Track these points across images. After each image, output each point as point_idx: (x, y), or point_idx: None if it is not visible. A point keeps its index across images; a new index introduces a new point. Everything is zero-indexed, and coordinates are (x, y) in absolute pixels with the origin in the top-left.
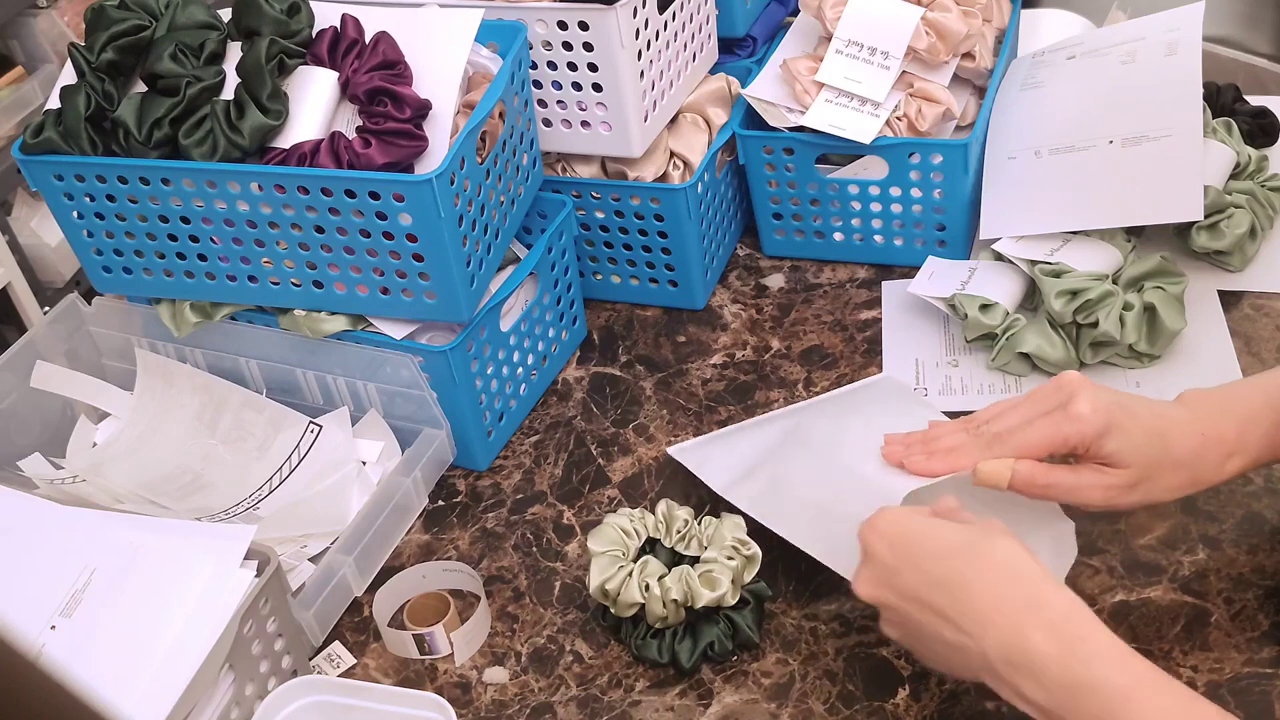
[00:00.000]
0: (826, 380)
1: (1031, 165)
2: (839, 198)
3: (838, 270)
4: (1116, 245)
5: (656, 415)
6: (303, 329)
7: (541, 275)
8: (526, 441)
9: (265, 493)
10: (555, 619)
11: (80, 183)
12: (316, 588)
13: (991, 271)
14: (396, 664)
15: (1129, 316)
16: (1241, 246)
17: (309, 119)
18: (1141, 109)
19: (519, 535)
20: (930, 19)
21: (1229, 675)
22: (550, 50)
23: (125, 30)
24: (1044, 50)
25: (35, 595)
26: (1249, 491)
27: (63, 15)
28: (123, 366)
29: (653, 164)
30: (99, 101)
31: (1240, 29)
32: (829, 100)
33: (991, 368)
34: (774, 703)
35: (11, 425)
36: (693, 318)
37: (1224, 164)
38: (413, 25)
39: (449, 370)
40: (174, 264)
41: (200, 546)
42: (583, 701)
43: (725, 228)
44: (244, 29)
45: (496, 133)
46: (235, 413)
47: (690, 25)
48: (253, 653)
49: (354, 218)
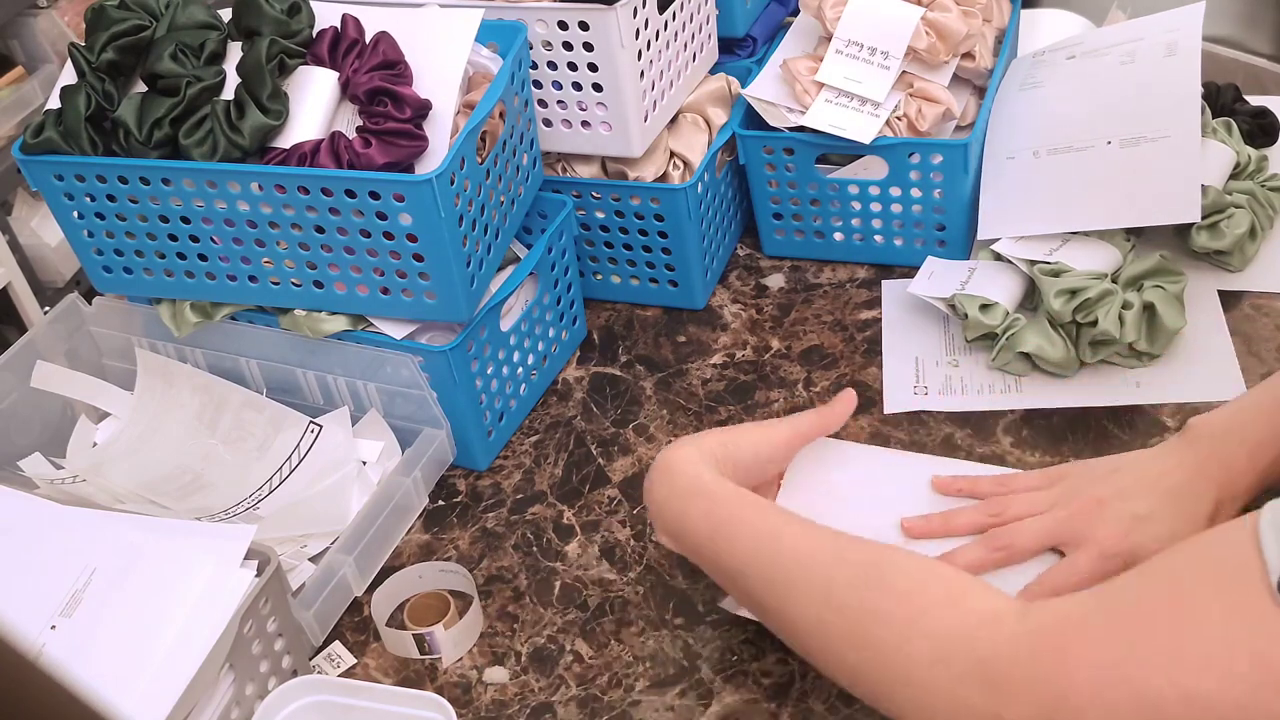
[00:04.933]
0: (826, 380)
1: (1030, 165)
2: (839, 198)
3: (838, 270)
4: (1116, 245)
5: (656, 415)
6: (303, 329)
7: (541, 275)
8: (526, 441)
9: (265, 493)
10: (555, 619)
11: (80, 183)
12: (316, 588)
13: (991, 271)
14: (396, 664)
15: (1128, 315)
16: (1241, 246)
17: (309, 119)
18: (1140, 110)
19: (519, 535)
20: (930, 19)
21: None
22: (550, 50)
23: (125, 30)
24: (1044, 50)
25: (35, 595)
26: None
27: (63, 15)
28: (123, 366)
29: (653, 164)
30: (99, 101)
31: (1240, 29)
32: (829, 100)
33: (992, 367)
34: (774, 703)
35: (11, 425)
36: (693, 318)
37: (1224, 164)
38: (413, 25)
39: (449, 370)
40: (174, 264)
41: (200, 546)
42: (583, 701)
43: (725, 228)
44: (244, 29)
45: (496, 133)
46: (235, 413)
47: (690, 25)
48: (253, 653)
49: (354, 218)
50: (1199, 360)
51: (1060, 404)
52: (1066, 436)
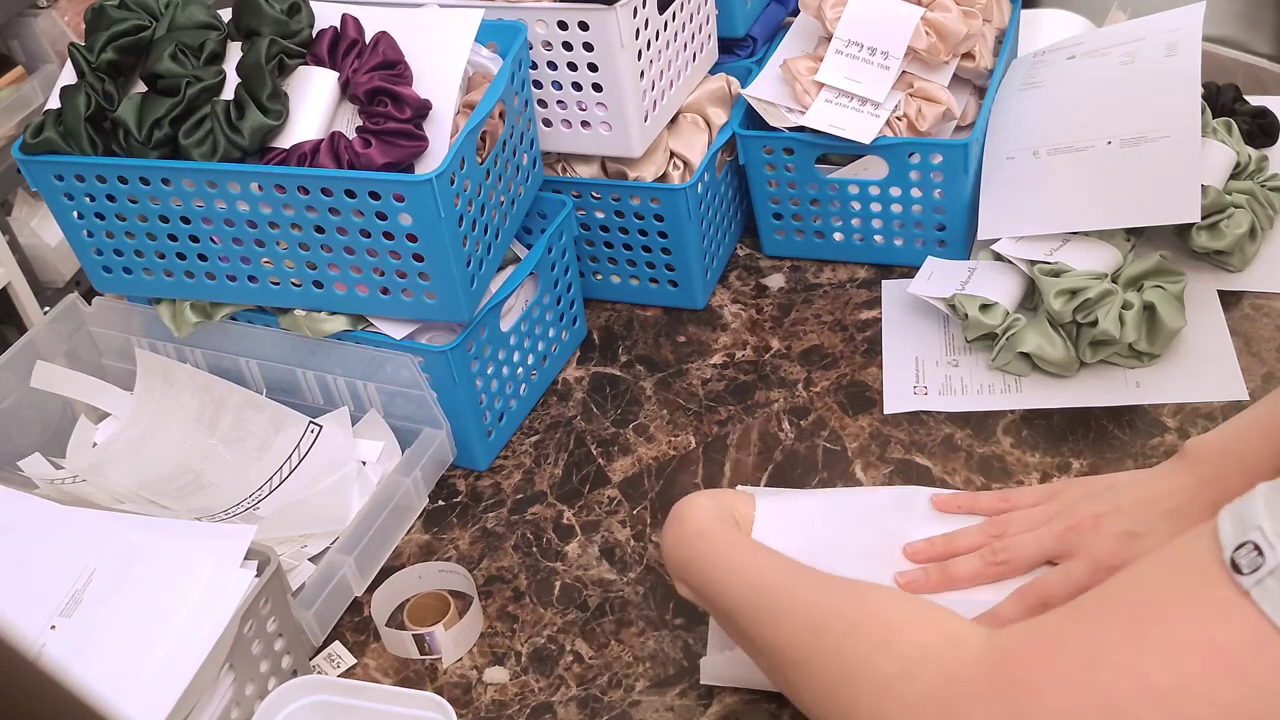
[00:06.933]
0: (826, 380)
1: (1030, 165)
2: (839, 198)
3: (838, 270)
4: (1116, 245)
5: (656, 415)
6: (303, 329)
7: (541, 275)
8: (526, 441)
9: (265, 493)
10: (555, 619)
11: (80, 183)
12: (316, 588)
13: (991, 271)
14: (396, 664)
15: (1128, 315)
16: (1241, 246)
17: (309, 119)
18: (1140, 110)
19: (519, 535)
20: (930, 19)
21: None
22: (550, 50)
23: (125, 30)
24: (1044, 50)
25: (35, 595)
26: None
27: (63, 15)
28: (123, 366)
29: (653, 164)
30: (99, 101)
31: (1240, 29)
32: (829, 100)
33: (992, 368)
34: (774, 703)
35: (11, 425)
36: (693, 318)
37: (1224, 164)
38: (413, 25)
39: (449, 370)
40: (174, 264)
41: (200, 546)
42: (583, 701)
43: (725, 228)
44: (244, 29)
45: (496, 133)
46: (235, 413)
47: (690, 25)
48: (253, 653)
49: (354, 218)
50: (1199, 360)
51: (1060, 404)
52: (1066, 437)
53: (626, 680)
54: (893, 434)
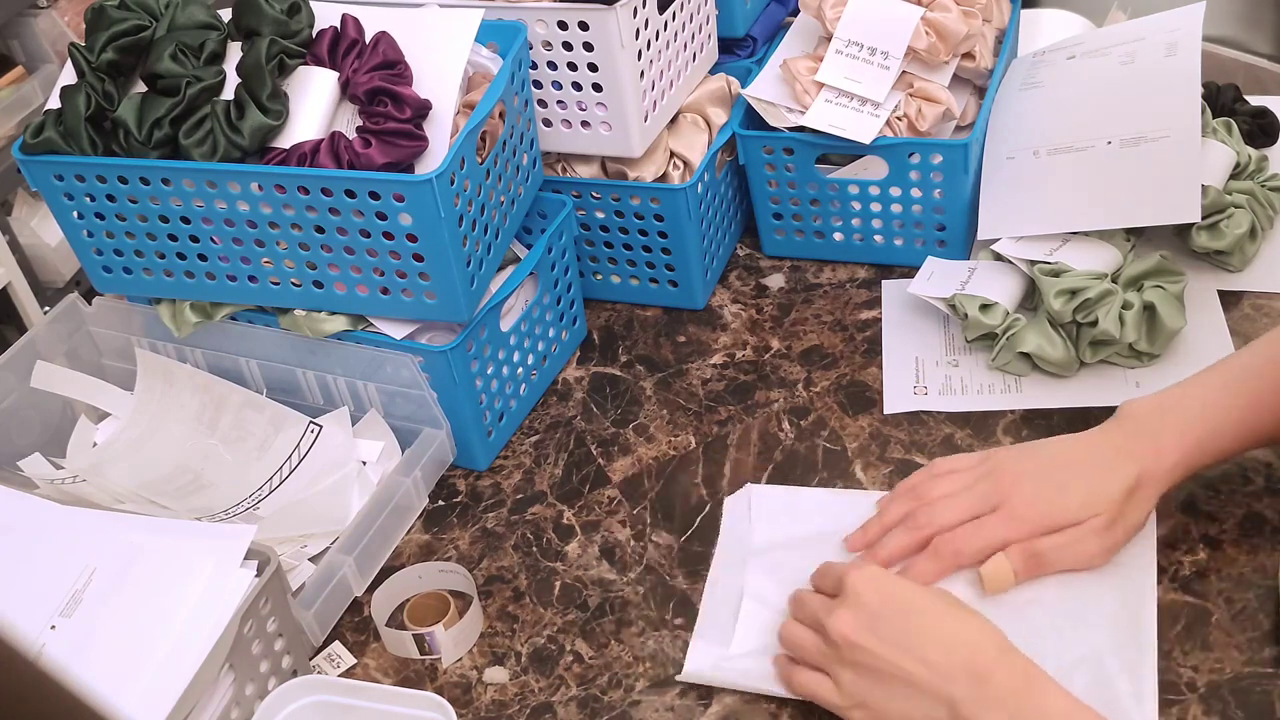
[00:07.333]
0: (826, 380)
1: (1030, 165)
2: (839, 198)
3: (838, 270)
4: (1116, 245)
5: (656, 415)
6: (303, 329)
7: (541, 275)
8: (526, 441)
9: (265, 493)
10: (555, 619)
11: (80, 183)
12: (316, 588)
13: (991, 271)
14: (396, 664)
15: (1129, 315)
16: (1241, 246)
17: (309, 119)
18: (1140, 110)
19: (519, 535)
20: (930, 19)
21: (1229, 675)
22: (550, 50)
23: (125, 30)
24: (1044, 50)
25: (35, 595)
26: (1249, 491)
27: (63, 15)
28: (123, 366)
29: (653, 164)
30: (99, 101)
31: (1240, 29)
32: (829, 100)
33: (992, 368)
34: (774, 703)
35: (11, 425)
36: (693, 318)
37: (1224, 164)
38: (413, 25)
39: (449, 370)
40: (174, 264)
41: (200, 546)
42: (583, 701)
43: (725, 228)
44: (244, 29)
45: (496, 133)
46: (235, 413)
47: (690, 25)
48: (253, 653)
49: (354, 218)
50: (1199, 360)
51: (1060, 404)
52: None
53: (626, 680)
54: (893, 434)
